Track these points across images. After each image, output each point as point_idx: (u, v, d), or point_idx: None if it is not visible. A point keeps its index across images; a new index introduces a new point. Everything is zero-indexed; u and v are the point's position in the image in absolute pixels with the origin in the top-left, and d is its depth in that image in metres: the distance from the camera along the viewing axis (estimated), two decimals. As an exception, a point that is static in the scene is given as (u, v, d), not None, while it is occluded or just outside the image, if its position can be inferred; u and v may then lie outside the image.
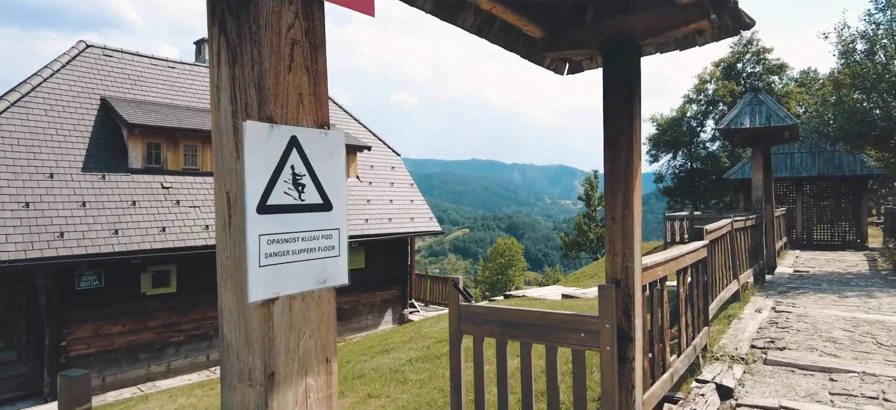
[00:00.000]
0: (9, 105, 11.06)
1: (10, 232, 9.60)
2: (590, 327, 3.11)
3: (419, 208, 17.06)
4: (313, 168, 1.10)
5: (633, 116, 3.06)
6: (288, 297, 1.06)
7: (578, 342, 3.14)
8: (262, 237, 1.00)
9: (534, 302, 12.16)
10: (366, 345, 9.90)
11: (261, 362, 1.01)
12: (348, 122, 18.12)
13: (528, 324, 3.33)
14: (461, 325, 3.58)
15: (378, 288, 16.01)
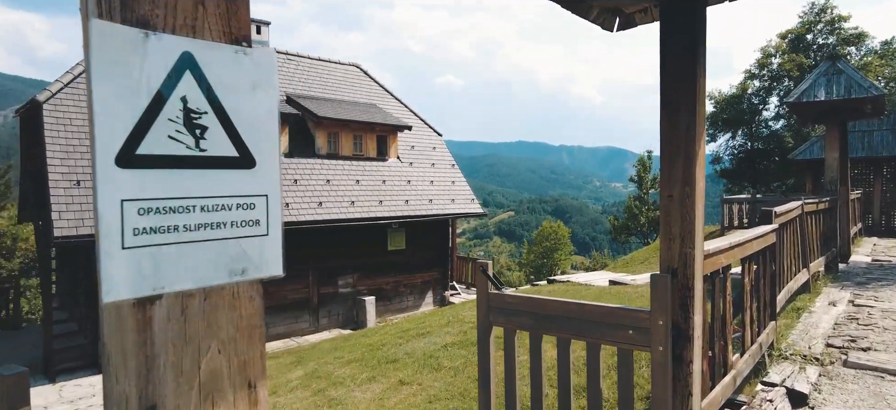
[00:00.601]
0: (62, 86, 11.39)
1: (63, 209, 9.90)
2: (640, 323, 2.66)
3: (460, 189, 16.68)
4: (222, 104, 0.74)
5: (697, 71, 2.55)
6: (179, 295, 0.71)
7: (626, 341, 2.70)
8: (127, 205, 0.65)
9: (578, 288, 11.61)
10: (402, 328, 9.68)
11: (136, 389, 0.67)
12: (388, 101, 17.87)
13: (565, 317, 2.91)
14: (490, 315, 3.20)
15: (418, 270, 15.81)
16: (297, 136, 14.07)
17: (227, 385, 0.76)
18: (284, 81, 15.71)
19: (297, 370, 7.98)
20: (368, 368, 6.96)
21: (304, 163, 13.74)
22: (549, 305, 2.98)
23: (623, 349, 2.73)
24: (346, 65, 18.28)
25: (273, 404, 6.33)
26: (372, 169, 14.95)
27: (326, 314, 13.93)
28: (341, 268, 14.17)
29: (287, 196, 12.72)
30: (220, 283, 0.75)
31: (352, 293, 14.34)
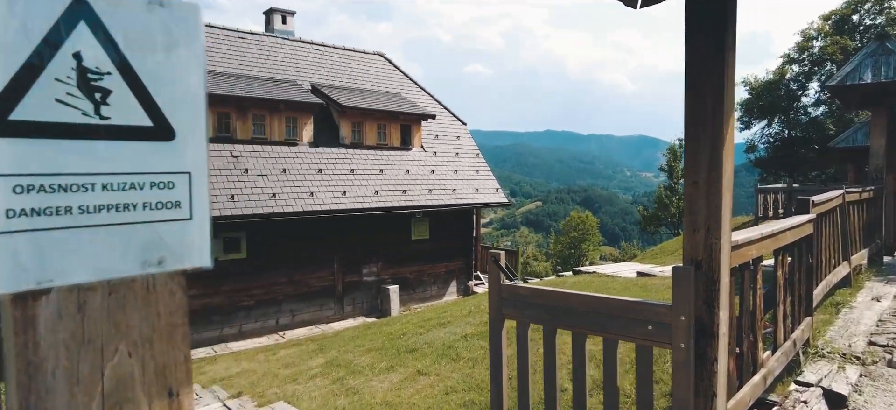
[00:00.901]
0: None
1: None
2: (660, 318, 2.48)
3: (485, 178, 16.49)
4: (130, 64, 0.62)
5: (725, 48, 2.34)
6: (73, 289, 0.60)
7: (645, 337, 2.53)
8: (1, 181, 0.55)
9: (604, 279, 11.34)
10: (424, 317, 9.63)
11: (17, 401, 0.57)
12: (413, 90, 17.76)
13: (581, 311, 2.75)
14: (502, 308, 3.06)
15: (442, 260, 15.74)
16: (322, 125, 14.11)
17: (141, 394, 0.65)
18: (309, 70, 15.76)
19: (318, 357, 8.00)
20: (387, 357, 6.92)
21: (329, 152, 13.77)
22: (563, 297, 2.83)
23: (642, 345, 2.56)
24: (371, 54, 18.24)
25: (293, 391, 6.34)
26: (396, 158, 14.89)
27: (351, 302, 14.01)
28: (365, 257, 14.21)
29: (311, 185, 12.79)
30: (129, 274, 0.64)
31: (376, 282, 14.38)
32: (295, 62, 15.68)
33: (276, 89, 13.48)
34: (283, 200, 12.16)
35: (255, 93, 12.78)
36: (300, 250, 13.11)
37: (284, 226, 12.64)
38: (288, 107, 13.13)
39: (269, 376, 7.47)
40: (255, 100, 12.61)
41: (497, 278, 3.05)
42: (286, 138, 13.24)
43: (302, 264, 13.17)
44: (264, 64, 14.98)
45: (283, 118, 13.18)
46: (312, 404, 5.61)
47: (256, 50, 15.20)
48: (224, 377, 8.09)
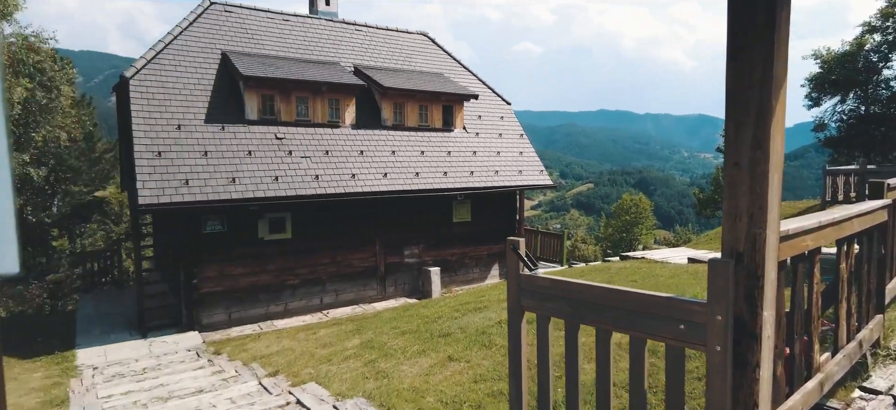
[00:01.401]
0: (146, 63, 12.07)
1: (146, 179, 10.56)
2: (692, 316, 2.20)
3: (529, 160, 16.08)
4: None
5: (776, 3, 2.00)
6: None
7: (676, 336, 2.26)
8: None
9: (653, 265, 10.83)
10: (461, 300, 9.50)
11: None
12: (456, 70, 17.47)
13: (606, 306, 2.49)
14: (521, 299, 2.84)
15: (484, 242, 15.54)
16: (364, 107, 14.11)
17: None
18: (352, 52, 15.77)
19: (354, 338, 8.04)
20: (421, 341, 6.84)
21: (370, 134, 13.77)
22: (586, 290, 2.58)
23: (672, 346, 2.29)
24: (414, 34, 18.05)
25: (325, 372, 6.37)
26: (437, 140, 14.73)
27: (393, 283, 14.08)
28: (407, 239, 14.21)
29: (353, 167, 12.84)
30: None
31: (417, 264, 14.37)
32: (338, 44, 15.72)
33: (319, 71, 13.56)
34: (326, 181, 12.28)
35: (299, 75, 12.89)
36: (343, 231, 13.26)
37: (327, 207, 12.78)
38: (330, 89, 13.19)
39: (306, 355, 7.57)
40: (298, 82, 12.73)
41: (516, 267, 2.83)
42: (329, 120, 13.33)
43: (345, 244, 13.32)
44: (308, 46, 15.09)
45: (325, 100, 13.27)
46: (342, 386, 5.60)
47: (300, 32, 15.33)
48: (264, 354, 8.28)
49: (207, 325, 11.74)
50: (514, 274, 2.84)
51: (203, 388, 6.50)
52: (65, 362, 9.38)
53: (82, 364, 9.10)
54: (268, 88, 12.53)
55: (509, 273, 2.86)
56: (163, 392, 6.46)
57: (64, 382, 7.99)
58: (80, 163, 23.03)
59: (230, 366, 7.74)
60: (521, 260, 2.81)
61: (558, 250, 17.07)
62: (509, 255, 2.84)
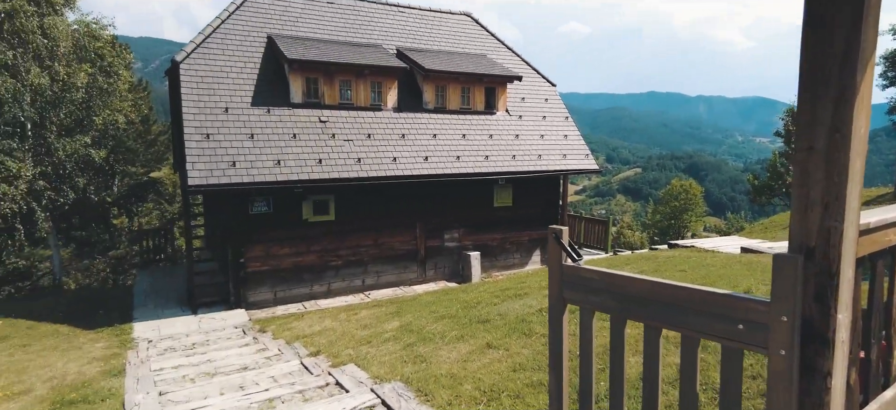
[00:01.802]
0: (196, 47, 12.39)
1: (196, 160, 10.89)
2: (754, 315, 2.00)
3: (574, 143, 15.66)
4: None
5: (865, -35, 1.74)
6: None
7: (733, 337, 2.07)
8: None
9: (702, 255, 10.36)
10: (501, 286, 9.37)
11: None
12: (499, 51, 17.15)
13: (656, 301, 2.32)
14: (564, 291, 2.69)
15: (525, 228, 15.31)
16: (406, 89, 14.06)
17: None
18: (394, 34, 15.70)
19: (394, 321, 8.07)
20: (459, 326, 6.77)
21: (412, 118, 13.72)
22: (634, 283, 2.40)
23: (729, 347, 2.10)
24: (457, 15, 17.80)
25: (365, 354, 6.41)
26: (478, 123, 14.53)
27: (433, 267, 14.09)
28: (447, 223, 14.16)
29: (394, 151, 12.84)
30: None
31: (458, 248, 14.32)
32: (381, 26, 15.68)
33: (361, 54, 13.58)
34: (368, 165, 12.33)
35: (342, 58, 12.94)
36: (384, 214, 13.33)
37: (369, 190, 12.86)
38: (373, 72, 13.19)
39: (346, 336, 7.65)
40: (341, 65, 12.78)
41: (558, 257, 2.68)
42: (371, 103, 13.35)
43: (386, 227, 13.40)
44: (351, 29, 15.12)
45: (368, 83, 13.28)
46: (381, 369, 5.60)
47: (343, 15, 15.37)
48: (307, 334, 8.43)
49: (254, 303, 12.09)
50: (556, 265, 2.69)
51: (247, 365, 6.67)
52: (123, 334, 9.87)
53: (138, 337, 9.55)
54: (312, 71, 12.64)
55: (551, 263, 2.71)
56: (209, 367, 6.67)
57: (122, 353, 8.40)
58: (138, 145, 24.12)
59: (274, 345, 7.92)
60: (564, 250, 2.65)
61: (603, 237, 16.64)
62: (551, 244, 2.69)
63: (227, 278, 12.42)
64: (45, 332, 10.50)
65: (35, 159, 14.98)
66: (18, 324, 11.28)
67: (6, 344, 9.95)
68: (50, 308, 12.37)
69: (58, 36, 15.10)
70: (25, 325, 11.19)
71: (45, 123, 15.22)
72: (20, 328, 11.07)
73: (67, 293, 15.86)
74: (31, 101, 14.73)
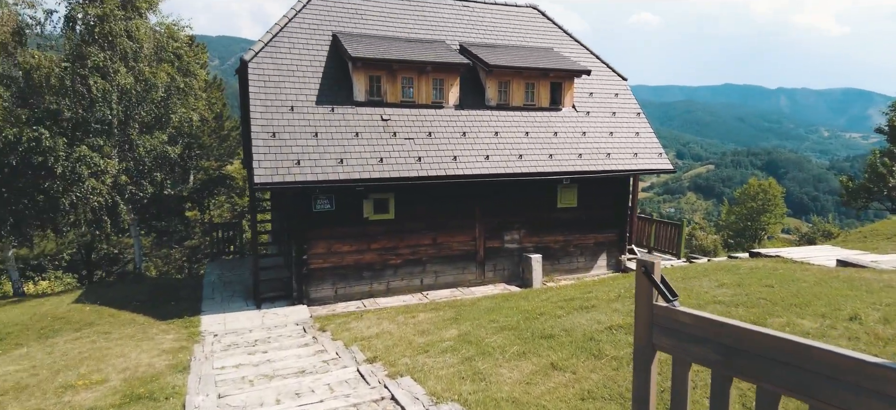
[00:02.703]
0: (264, 46, 12.64)
1: (262, 158, 11.09)
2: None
3: (646, 141, 14.76)
4: None
5: None
6: None
7: (889, 421, 1.60)
8: None
9: (791, 268, 9.37)
10: (566, 295, 8.88)
11: None
12: (567, 44, 16.45)
13: (774, 359, 1.87)
14: (654, 336, 2.28)
15: (591, 230, 14.61)
16: (468, 86, 13.73)
17: None
18: (458, 29, 15.40)
19: (452, 328, 7.80)
20: (521, 340, 6.40)
21: (474, 115, 13.39)
22: (746, 336, 1.96)
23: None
24: (522, 7, 17.25)
25: (422, 364, 6.18)
26: (543, 120, 13.98)
27: (492, 268, 13.73)
28: (508, 223, 13.74)
29: (455, 149, 12.57)
30: None
31: (518, 250, 13.87)
32: (444, 21, 15.43)
33: (424, 50, 13.38)
34: (428, 163, 12.13)
35: (404, 55, 12.79)
36: (443, 214, 13.10)
37: (428, 189, 12.67)
38: (434, 68, 12.96)
39: (403, 342, 7.47)
40: (403, 62, 12.64)
41: (648, 294, 2.27)
42: (433, 101, 13.14)
43: (445, 227, 13.17)
44: (415, 25, 14.96)
45: (430, 80, 13.07)
46: (438, 384, 5.34)
47: (407, 11, 15.24)
48: (365, 336, 8.33)
49: (315, 299, 12.23)
50: (645, 304, 2.29)
51: (304, 369, 6.62)
52: (191, 326, 10.22)
53: (205, 331, 9.84)
54: (375, 69, 12.58)
55: (638, 302, 2.31)
56: (268, 369, 6.67)
57: (189, 346, 8.65)
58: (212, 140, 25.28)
59: (332, 346, 7.87)
60: (656, 287, 2.25)
61: (675, 241, 15.62)
62: (639, 279, 2.29)
63: (291, 273, 12.64)
64: (124, 320, 11.07)
65: (119, 155, 15.94)
66: (103, 312, 11.99)
67: (92, 330, 10.58)
68: (129, 297, 13.09)
69: (141, 38, 15.94)
70: (108, 312, 11.87)
71: (129, 121, 16.15)
72: (104, 315, 11.76)
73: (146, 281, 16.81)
74: (118, 99, 15.65)
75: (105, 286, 16.51)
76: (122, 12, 15.59)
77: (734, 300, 7.00)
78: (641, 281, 2.28)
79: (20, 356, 8.93)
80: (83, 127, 15.28)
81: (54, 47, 16.74)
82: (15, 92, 15.40)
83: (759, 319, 6.14)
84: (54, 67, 15.26)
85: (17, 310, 13.01)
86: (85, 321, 11.22)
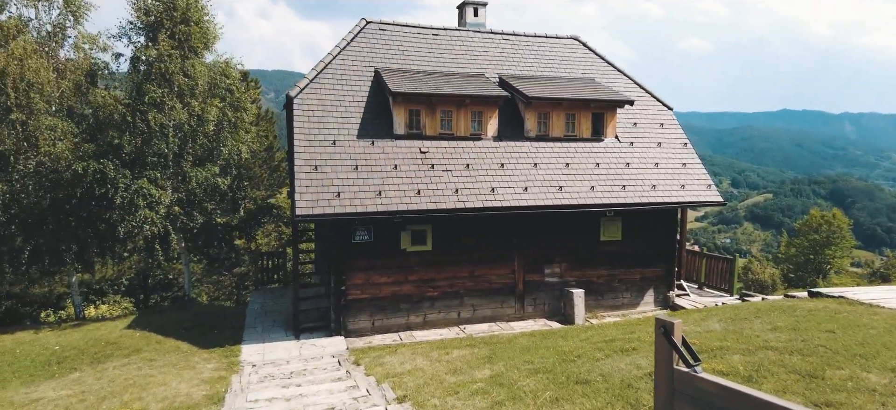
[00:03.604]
0: (308, 82, 13.06)
1: (304, 191, 11.35)
2: None
3: (693, 172, 14.20)
4: None
5: None
6: None
7: None
8: None
9: (857, 311, 8.64)
10: (606, 335, 8.51)
11: None
12: (609, 74, 16.19)
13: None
14: (675, 403, 2.09)
15: (637, 264, 14.06)
16: (506, 118, 13.68)
17: None
18: (498, 61, 15.46)
19: (484, 368, 7.60)
20: (555, 385, 6.13)
21: (512, 146, 13.29)
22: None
23: None
24: (564, 39, 17.17)
25: (450, 406, 6.01)
26: (584, 151, 13.71)
27: (532, 303, 13.40)
28: (548, 256, 13.42)
29: (493, 181, 12.47)
30: None
31: (559, 284, 13.49)
32: (484, 54, 15.53)
33: (462, 84, 13.47)
34: (465, 195, 12.08)
35: (443, 89, 12.91)
36: (481, 246, 12.95)
37: (466, 221, 12.59)
38: (473, 101, 13.00)
39: (434, 381, 7.31)
40: (442, 96, 12.75)
41: (668, 357, 2.08)
42: (471, 133, 13.15)
43: (483, 259, 13.00)
44: (455, 59, 15.13)
45: (468, 112, 13.11)
46: (465, 430, 5.16)
47: (448, 46, 15.44)
48: (397, 373, 8.23)
49: (353, 330, 12.26)
50: (664, 367, 2.10)
51: (335, 406, 6.57)
52: (231, 355, 10.42)
53: (244, 360, 10.01)
54: (414, 103, 12.74)
55: (658, 366, 2.13)
56: (299, 404, 6.67)
57: (226, 377, 8.80)
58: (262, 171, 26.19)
59: (364, 383, 7.81)
60: (676, 350, 2.06)
61: (727, 276, 14.81)
62: (658, 341, 2.11)
63: (330, 304, 12.75)
64: (169, 348, 11.43)
65: (173, 186, 16.73)
66: (151, 338, 12.45)
67: (138, 357, 10.98)
68: (176, 324, 13.55)
69: (196, 75, 16.85)
70: (155, 339, 12.31)
71: (183, 154, 16.97)
72: (151, 342, 12.20)
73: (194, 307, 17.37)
74: (173, 133, 16.51)
75: (156, 312, 17.18)
76: (180, 52, 16.54)
77: (789, 347, 6.49)
78: (661, 343, 2.10)
79: (72, 381, 9.34)
80: (141, 160, 16.17)
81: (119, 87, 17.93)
82: (84, 128, 16.52)
83: (816, 370, 5.64)
84: (118, 105, 16.30)
85: (77, 334, 13.70)
86: (134, 347, 11.66)
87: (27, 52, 15.01)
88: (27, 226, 15.64)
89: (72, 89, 16.46)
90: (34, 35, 16.16)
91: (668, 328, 2.06)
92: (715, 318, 8.70)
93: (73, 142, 15.91)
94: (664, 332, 2.07)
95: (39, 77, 15.12)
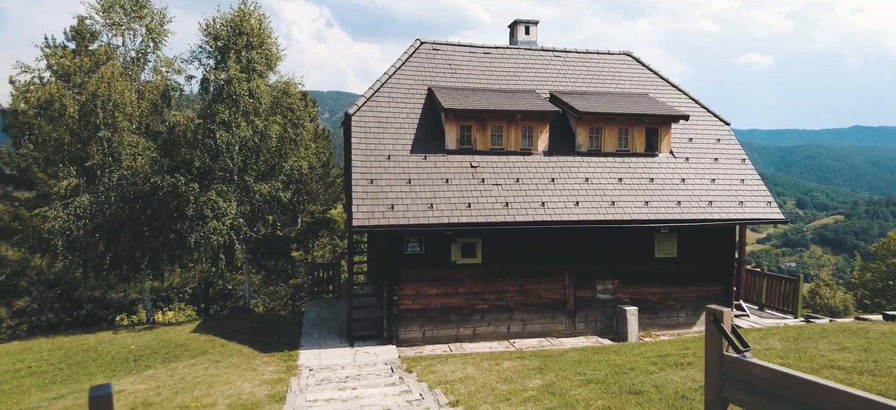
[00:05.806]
0: (366, 100, 13.64)
1: (360, 203, 11.82)
2: None
3: (752, 188, 13.75)
4: None
5: None
6: None
7: None
8: None
9: (937, 334, 8.12)
10: (660, 351, 8.38)
11: None
12: (663, 89, 15.98)
13: (860, 423, 1.73)
14: (725, 388, 2.18)
15: (693, 283, 13.68)
16: (557, 133, 13.75)
17: None
18: (549, 78, 15.59)
19: (536, 378, 7.66)
20: (607, 395, 6.14)
21: (563, 161, 13.33)
22: (829, 395, 1.83)
23: None
24: (616, 54, 17.11)
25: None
26: (637, 166, 13.56)
27: (583, 319, 13.27)
28: (600, 272, 13.28)
29: (543, 195, 12.54)
30: None
31: (611, 301, 13.31)
32: (535, 71, 15.71)
33: (513, 100, 13.68)
34: (516, 209, 12.21)
35: (494, 105, 13.17)
36: (531, 260, 12.99)
37: (516, 235, 12.69)
38: (523, 117, 13.17)
39: (486, 388, 7.44)
40: (493, 112, 13.01)
41: (718, 344, 2.19)
42: (521, 148, 13.31)
43: (533, 274, 13.03)
44: (507, 76, 15.38)
45: (519, 128, 13.29)
46: (517, 433, 5.27)
47: (500, 63, 15.73)
48: (449, 380, 8.40)
49: (404, 340, 12.54)
50: (714, 354, 2.20)
51: (390, 407, 6.81)
52: (290, 359, 10.91)
53: (302, 364, 10.46)
54: (466, 119, 13.05)
55: (708, 352, 2.23)
56: (355, 405, 6.96)
57: (286, 379, 9.25)
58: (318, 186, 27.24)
59: (417, 388, 8.02)
60: (725, 336, 2.16)
61: (791, 298, 14.14)
62: (709, 329, 2.21)
63: (383, 313, 13.11)
64: (232, 351, 12.08)
65: (237, 199, 17.73)
66: (215, 342, 13.19)
67: (205, 358, 11.66)
68: (237, 330, 14.27)
69: (260, 95, 17.89)
70: (219, 343, 13.03)
71: (247, 169, 17.99)
72: (216, 345, 12.93)
73: (253, 316, 18.22)
74: (238, 150, 17.56)
75: (218, 319, 18.13)
76: (245, 75, 17.62)
77: (858, 367, 6.22)
78: (711, 330, 2.21)
79: (148, 377, 10.06)
80: (209, 174, 17.26)
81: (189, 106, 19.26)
82: (159, 145, 17.84)
83: (887, 391, 5.40)
84: (190, 124, 17.52)
85: (149, 336, 14.68)
86: (200, 350, 12.40)
87: (115, 76, 16.44)
88: (108, 235, 16.97)
89: (149, 109, 17.83)
90: (120, 60, 17.68)
91: (717, 315, 2.18)
92: (776, 337, 8.40)
93: (150, 157, 17.20)
94: (714, 320, 2.18)
95: (124, 98, 16.51)
